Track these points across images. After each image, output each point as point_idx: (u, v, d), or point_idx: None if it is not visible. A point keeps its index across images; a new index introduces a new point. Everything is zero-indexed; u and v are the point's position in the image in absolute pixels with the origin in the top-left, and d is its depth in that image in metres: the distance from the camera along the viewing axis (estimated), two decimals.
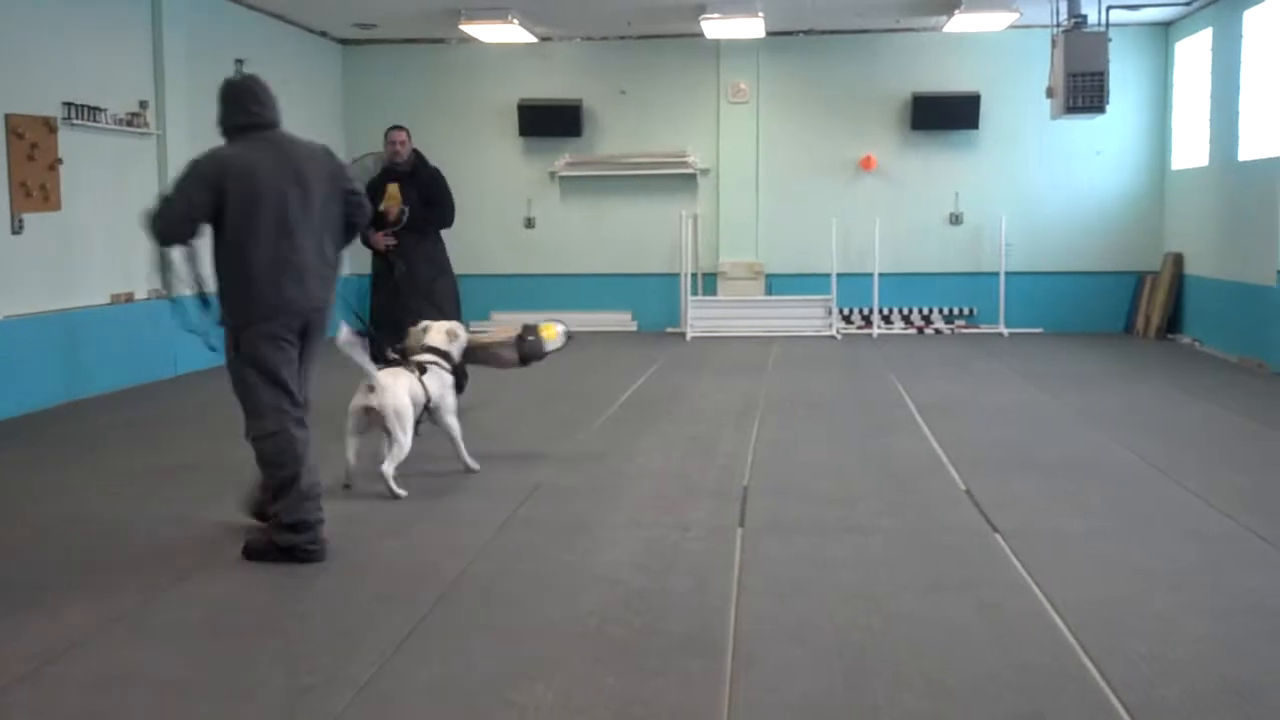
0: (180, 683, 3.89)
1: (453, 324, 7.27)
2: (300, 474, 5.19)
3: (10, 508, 6.35)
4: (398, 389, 6.42)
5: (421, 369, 6.74)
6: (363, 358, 6.27)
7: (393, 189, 8.89)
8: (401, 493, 6.32)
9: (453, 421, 6.86)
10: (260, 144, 5.30)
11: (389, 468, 6.33)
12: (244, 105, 5.40)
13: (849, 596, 4.70)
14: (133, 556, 5.36)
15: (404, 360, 6.90)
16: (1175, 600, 4.65)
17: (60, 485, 6.88)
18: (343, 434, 6.52)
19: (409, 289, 8.79)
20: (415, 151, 9.17)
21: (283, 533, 5.18)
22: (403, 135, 9.11)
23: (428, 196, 8.99)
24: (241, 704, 3.72)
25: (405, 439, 6.37)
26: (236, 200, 5.10)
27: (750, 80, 15.01)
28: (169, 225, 5.11)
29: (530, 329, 7.37)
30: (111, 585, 4.91)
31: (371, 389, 6.35)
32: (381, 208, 8.68)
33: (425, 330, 7.15)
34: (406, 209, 8.84)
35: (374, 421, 6.42)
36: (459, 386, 7.38)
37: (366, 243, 8.76)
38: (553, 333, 7.44)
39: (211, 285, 5.22)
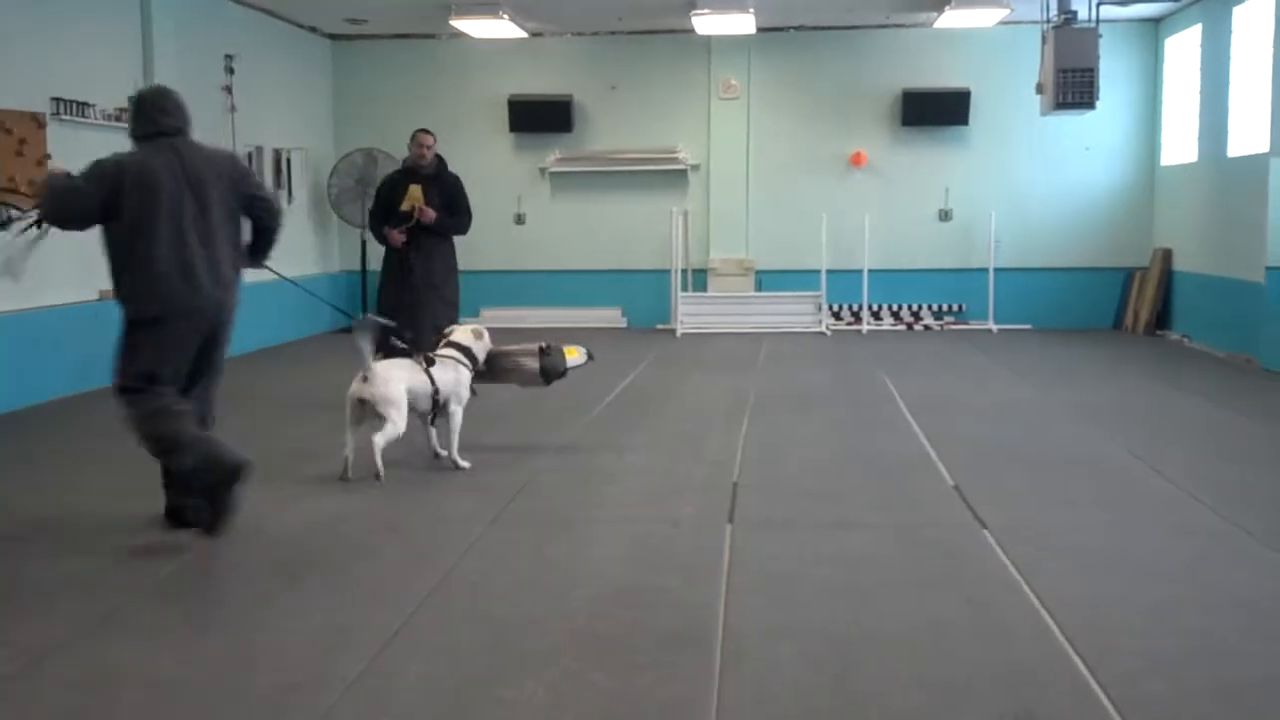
0: (168, 681, 3.88)
1: (479, 326, 7.39)
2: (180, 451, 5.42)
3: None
4: (390, 378, 6.53)
5: (429, 361, 6.86)
6: (366, 347, 6.44)
7: (415, 190, 9.19)
8: (382, 472, 6.42)
9: (456, 412, 6.95)
10: (162, 150, 5.58)
11: (380, 439, 6.42)
12: (150, 115, 5.68)
13: (838, 592, 4.71)
14: (119, 554, 5.34)
15: (413, 351, 7.07)
16: (1163, 595, 4.67)
17: (45, 483, 6.86)
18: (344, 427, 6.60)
19: (423, 286, 9.05)
20: (438, 156, 9.47)
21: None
22: (430, 139, 9.40)
23: (448, 201, 9.28)
24: (230, 701, 3.72)
25: (399, 421, 6.49)
26: (132, 202, 5.40)
27: (741, 76, 15.01)
28: (58, 211, 5.55)
29: (551, 345, 7.49)
30: (98, 583, 4.90)
31: (365, 379, 6.47)
32: (403, 207, 9.04)
33: (453, 330, 7.35)
34: (420, 209, 9.07)
35: (368, 411, 6.50)
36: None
37: (381, 239, 9.18)
38: (574, 352, 7.63)
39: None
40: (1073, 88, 11.52)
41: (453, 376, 6.92)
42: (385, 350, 7.48)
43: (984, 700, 3.69)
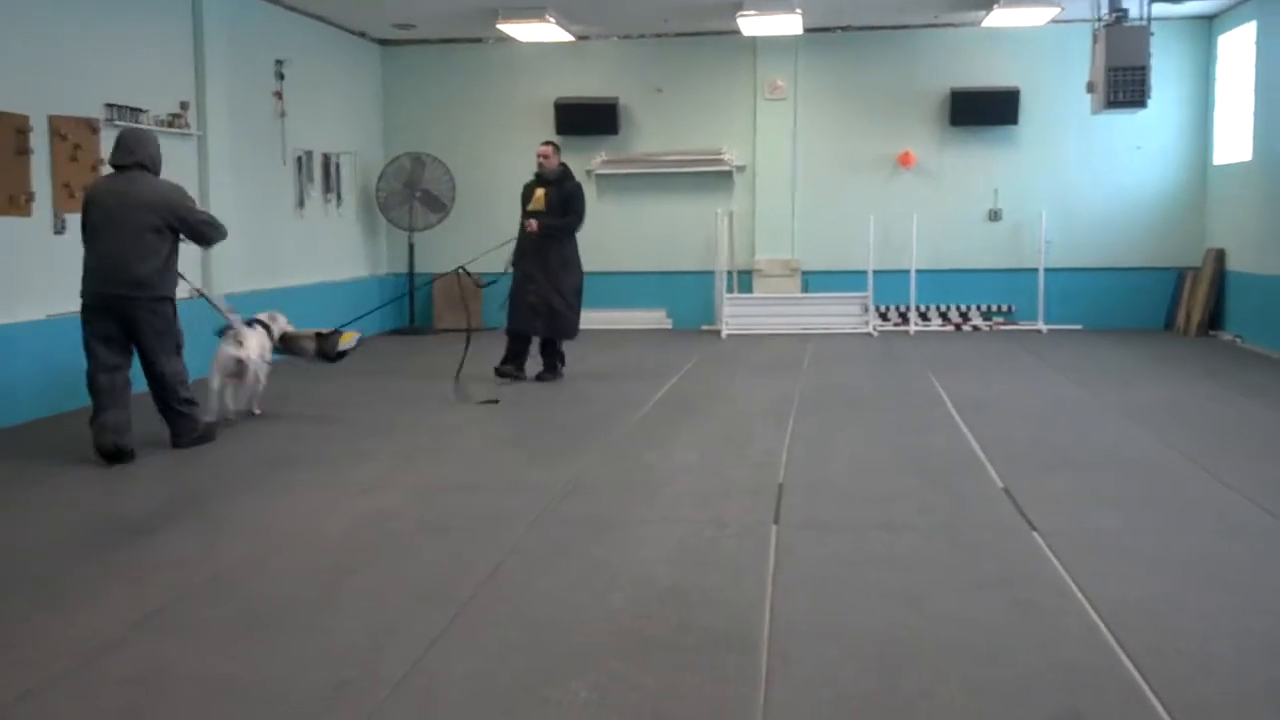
0: (217, 678, 3.92)
1: (275, 312, 9.10)
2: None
3: (45, 504, 6.43)
4: (253, 343, 8.44)
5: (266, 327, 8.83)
6: (234, 318, 8.48)
7: (539, 193, 10.51)
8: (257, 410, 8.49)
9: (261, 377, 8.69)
10: (119, 178, 7.48)
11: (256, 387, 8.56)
12: (117, 151, 7.52)
13: (885, 594, 4.68)
14: (167, 553, 5.41)
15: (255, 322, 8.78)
16: (1215, 598, 4.60)
17: (91, 483, 6.95)
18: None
19: (542, 278, 10.32)
20: (563, 164, 10.66)
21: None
22: (547, 150, 10.58)
23: (563, 204, 10.44)
24: (278, 700, 3.75)
25: (264, 375, 8.53)
26: (89, 217, 7.42)
27: (787, 77, 14.97)
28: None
29: (332, 332, 9.26)
30: (149, 581, 4.96)
31: (240, 343, 8.37)
32: (530, 208, 10.47)
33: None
34: (529, 223, 10.40)
35: (240, 368, 8.43)
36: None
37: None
38: (349, 336, 9.30)
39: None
40: (1124, 86, 11.39)
41: (259, 347, 8.63)
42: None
43: (1033, 703, 3.66)
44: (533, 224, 10.33)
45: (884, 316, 14.93)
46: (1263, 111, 12.63)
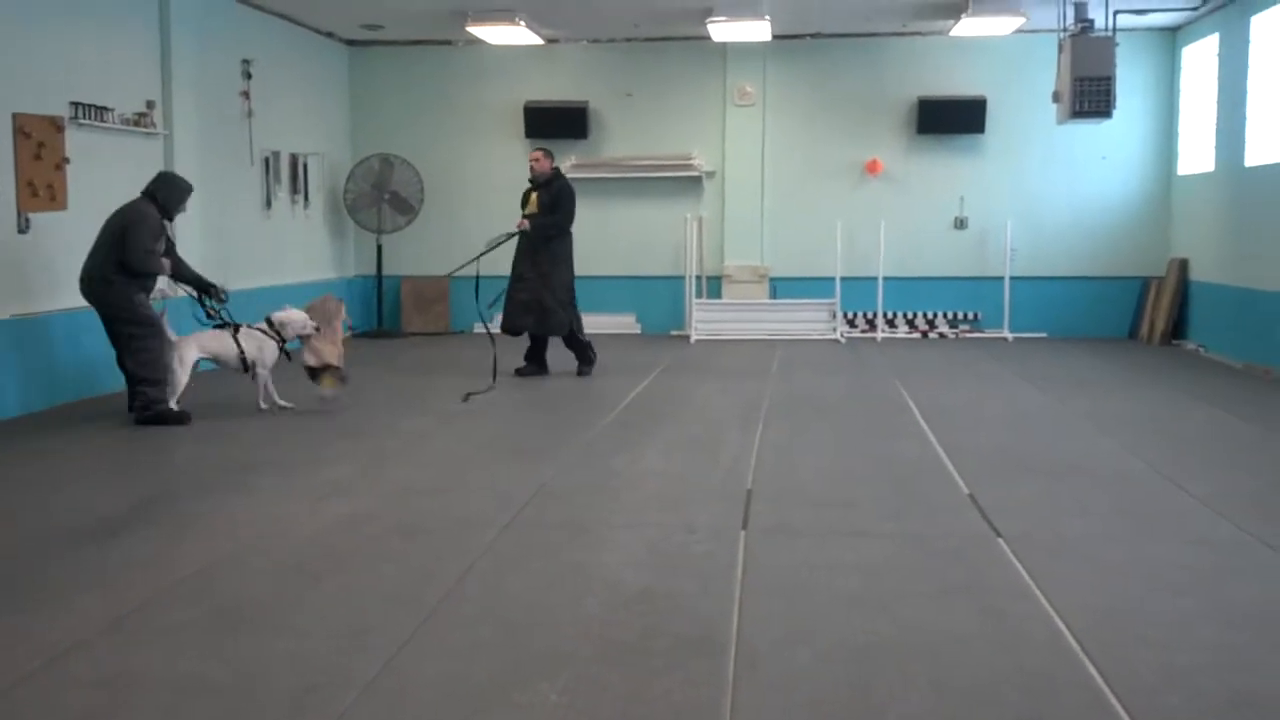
0: (186, 681, 3.90)
1: (291, 311, 9.14)
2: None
3: (14, 506, 6.36)
4: (184, 342, 8.67)
5: (236, 328, 8.88)
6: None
7: (533, 197, 10.97)
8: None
9: (262, 373, 8.92)
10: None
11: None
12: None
13: (852, 600, 4.71)
14: (137, 554, 5.37)
15: (225, 325, 8.94)
16: (1180, 607, 4.66)
17: (63, 483, 6.90)
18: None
19: (533, 277, 10.77)
20: (556, 169, 11.15)
21: None
22: (537, 155, 11.07)
23: (551, 205, 10.85)
24: (247, 702, 3.73)
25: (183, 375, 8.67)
26: None
27: (756, 83, 15.03)
28: None
29: (324, 368, 9.04)
30: (118, 582, 4.92)
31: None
32: (526, 212, 10.94)
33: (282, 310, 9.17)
34: (519, 221, 10.88)
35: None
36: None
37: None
38: (331, 384, 9.08)
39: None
40: (1089, 96, 11.50)
41: (256, 345, 8.83)
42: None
43: (999, 709, 3.69)
44: (523, 222, 10.80)
45: (851, 323, 15.01)
46: (1225, 123, 12.79)
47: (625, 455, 7.56)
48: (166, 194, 8.79)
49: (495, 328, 11.14)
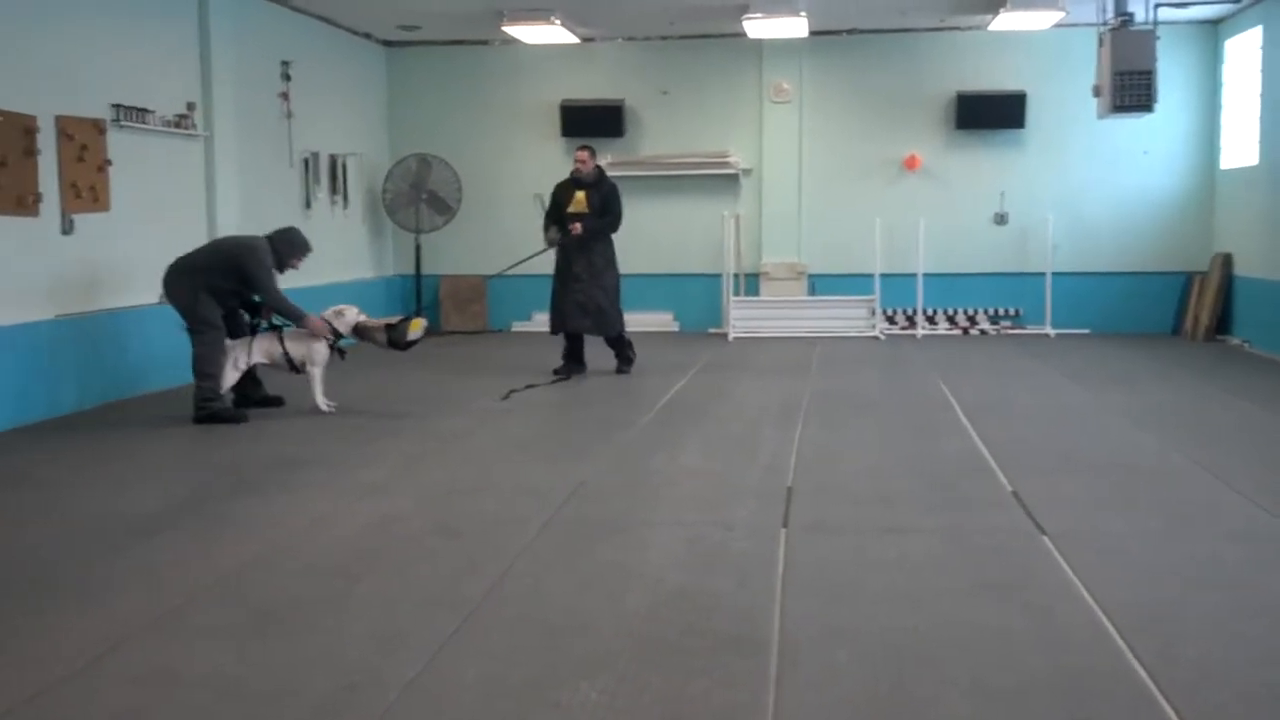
0: (225, 680, 3.92)
1: (344, 306, 9.21)
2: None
3: (56, 505, 6.43)
4: (239, 345, 8.88)
5: (280, 331, 8.99)
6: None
7: (580, 195, 10.89)
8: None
9: (313, 370, 8.96)
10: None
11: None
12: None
13: (894, 598, 4.67)
14: (179, 552, 5.41)
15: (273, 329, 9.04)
16: (1225, 602, 4.59)
17: (105, 482, 6.96)
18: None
19: (587, 277, 10.81)
20: (598, 167, 11.11)
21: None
22: (584, 154, 10.97)
23: (603, 205, 10.83)
24: (286, 702, 3.74)
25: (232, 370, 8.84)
26: None
27: (793, 80, 14.97)
28: None
29: (401, 321, 9.32)
30: (159, 581, 4.96)
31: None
32: (571, 210, 10.83)
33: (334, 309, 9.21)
34: (572, 226, 10.75)
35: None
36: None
37: (546, 238, 11.07)
38: (417, 325, 9.32)
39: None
40: (1130, 90, 11.37)
41: (305, 346, 8.90)
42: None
43: (1043, 708, 3.64)
44: (577, 227, 10.72)
45: (891, 320, 14.92)
46: (1269, 116, 12.62)
47: (664, 453, 7.55)
48: (287, 247, 9.02)
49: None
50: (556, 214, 10.95)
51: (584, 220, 10.75)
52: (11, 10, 8.71)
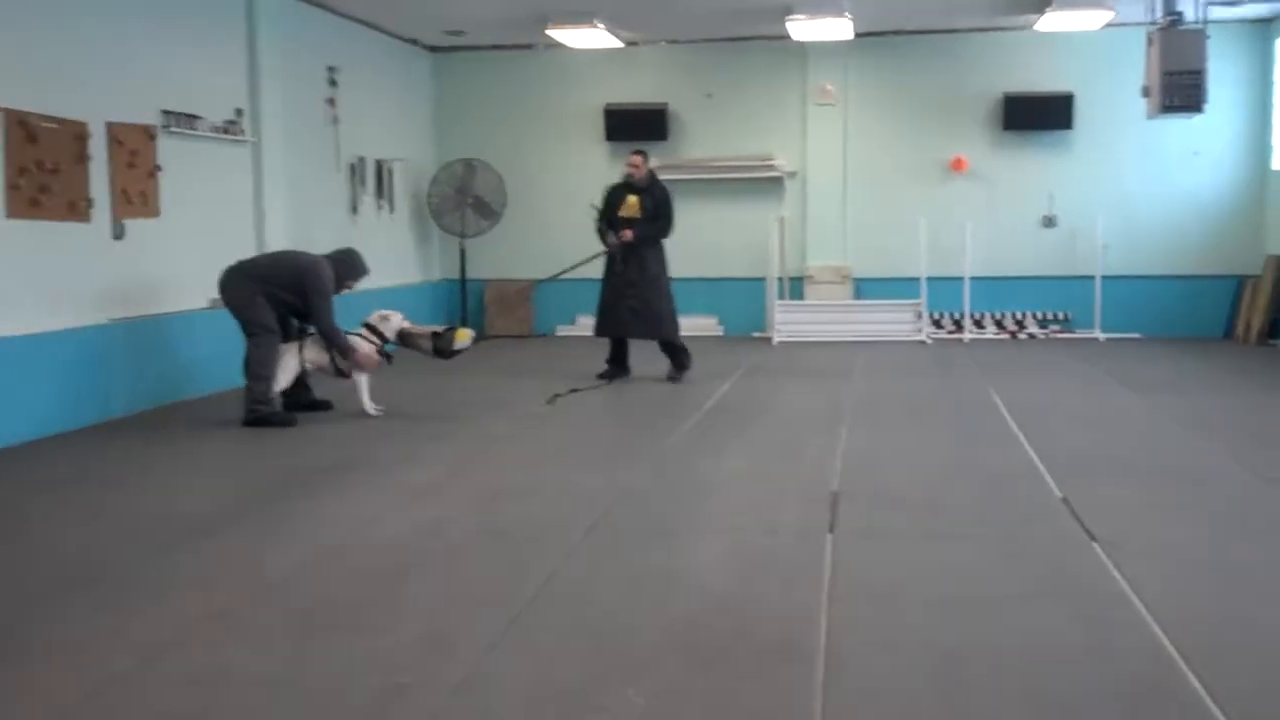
0: (275, 680, 3.94)
1: (388, 311, 9.36)
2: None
3: (110, 506, 6.50)
4: (289, 350, 8.95)
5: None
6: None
7: (632, 200, 10.84)
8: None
9: (361, 377, 9.03)
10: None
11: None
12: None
13: (942, 604, 4.63)
14: (231, 554, 5.46)
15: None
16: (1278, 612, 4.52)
17: (157, 484, 7.03)
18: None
19: (641, 281, 10.74)
20: (651, 172, 11.06)
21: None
22: (637, 159, 10.90)
23: (656, 209, 10.79)
24: (335, 702, 3.76)
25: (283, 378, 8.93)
26: None
27: (837, 82, 14.91)
28: None
29: (447, 329, 9.49)
30: (211, 582, 5.00)
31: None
32: (622, 214, 10.78)
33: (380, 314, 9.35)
34: (623, 232, 10.69)
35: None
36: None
37: (603, 241, 10.90)
38: (464, 335, 9.49)
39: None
40: (1180, 91, 11.21)
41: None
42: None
43: (1094, 717, 3.60)
44: (627, 233, 10.66)
45: (937, 324, 14.82)
46: None
47: (709, 458, 7.53)
48: (348, 270, 9.17)
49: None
50: (609, 216, 10.89)
51: (635, 225, 10.68)
52: (62, 18, 8.83)
